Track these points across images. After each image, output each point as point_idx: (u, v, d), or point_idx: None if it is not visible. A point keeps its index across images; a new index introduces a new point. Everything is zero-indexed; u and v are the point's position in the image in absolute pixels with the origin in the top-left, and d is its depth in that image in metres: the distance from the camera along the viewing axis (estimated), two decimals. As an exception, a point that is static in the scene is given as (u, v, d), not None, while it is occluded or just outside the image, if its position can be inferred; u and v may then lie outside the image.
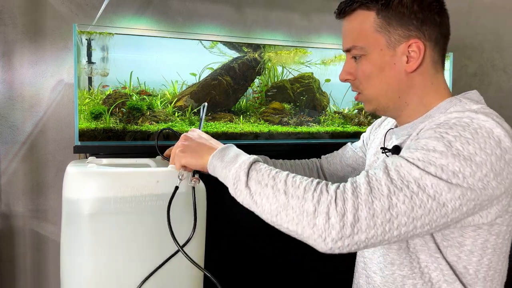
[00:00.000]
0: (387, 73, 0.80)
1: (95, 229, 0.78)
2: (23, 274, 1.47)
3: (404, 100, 0.81)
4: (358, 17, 0.80)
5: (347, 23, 0.82)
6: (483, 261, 0.74)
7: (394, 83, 0.80)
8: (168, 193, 0.82)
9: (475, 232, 0.73)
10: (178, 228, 0.84)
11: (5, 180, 1.44)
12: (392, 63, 0.79)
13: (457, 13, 2.02)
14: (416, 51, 0.78)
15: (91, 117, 1.27)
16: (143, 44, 1.38)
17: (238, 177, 0.70)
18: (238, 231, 1.36)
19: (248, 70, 1.48)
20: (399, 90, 0.81)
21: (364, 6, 0.79)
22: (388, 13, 0.77)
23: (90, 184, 0.79)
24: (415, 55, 0.78)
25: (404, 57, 0.78)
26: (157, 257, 0.82)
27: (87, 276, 0.80)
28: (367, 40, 0.79)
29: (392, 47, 0.78)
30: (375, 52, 0.79)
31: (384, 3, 0.77)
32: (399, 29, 0.77)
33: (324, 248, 0.63)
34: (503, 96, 2.13)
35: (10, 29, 1.41)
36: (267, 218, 0.67)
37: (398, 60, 0.79)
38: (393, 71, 0.79)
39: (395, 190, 0.63)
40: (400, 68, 0.79)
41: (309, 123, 1.53)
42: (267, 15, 1.70)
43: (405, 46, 0.78)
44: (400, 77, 0.80)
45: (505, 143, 0.67)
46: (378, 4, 0.77)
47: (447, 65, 1.74)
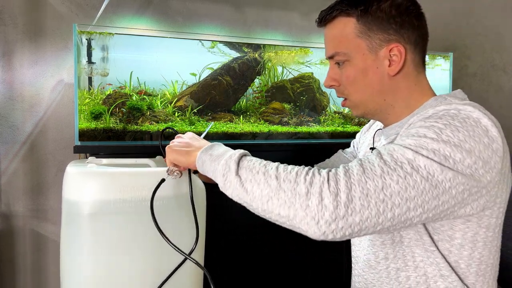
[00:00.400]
0: (371, 77, 0.81)
1: (95, 229, 0.78)
2: (23, 274, 1.47)
3: (389, 102, 0.83)
4: (339, 24, 0.82)
5: (329, 31, 0.84)
6: (474, 255, 0.75)
7: (378, 87, 0.82)
8: (168, 193, 0.82)
9: (464, 225, 0.73)
10: (179, 229, 0.84)
11: (5, 180, 1.44)
12: (375, 67, 0.81)
13: (458, 13, 2.02)
14: (397, 55, 0.79)
15: (91, 117, 1.27)
16: (143, 44, 1.38)
17: (228, 168, 0.69)
18: (236, 229, 1.36)
19: (248, 70, 1.48)
20: (384, 93, 0.82)
21: (344, 13, 0.81)
22: (368, 19, 0.79)
23: (90, 184, 0.79)
24: (397, 59, 0.80)
25: (386, 61, 0.80)
26: (157, 257, 0.82)
27: (87, 276, 0.79)
28: (349, 45, 0.81)
29: (374, 51, 0.80)
30: (358, 57, 0.81)
31: (363, 9, 0.79)
32: (379, 34, 0.79)
33: (317, 233, 0.61)
34: (503, 96, 2.13)
35: (10, 29, 1.41)
36: (258, 206, 0.66)
37: (380, 64, 0.80)
38: (377, 75, 0.81)
39: (389, 171, 0.63)
40: (383, 72, 0.80)
41: (309, 123, 1.53)
42: (267, 15, 1.70)
43: (386, 50, 0.80)
44: (384, 80, 0.81)
45: (492, 132, 0.68)
46: (357, 10, 0.79)
47: (447, 65, 1.74)
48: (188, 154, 0.80)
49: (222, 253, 1.33)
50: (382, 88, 0.82)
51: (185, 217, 0.85)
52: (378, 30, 0.79)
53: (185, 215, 0.85)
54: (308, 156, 1.22)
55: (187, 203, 0.85)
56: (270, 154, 1.40)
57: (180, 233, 0.84)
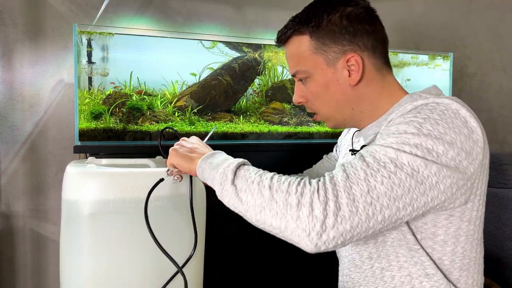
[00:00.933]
0: (334, 90, 0.82)
1: (94, 229, 0.78)
2: (23, 274, 1.47)
3: (358, 110, 0.84)
4: (294, 43, 0.83)
5: (287, 50, 0.86)
6: (457, 249, 0.75)
7: (342, 98, 0.82)
8: (168, 193, 0.82)
9: (447, 221, 0.73)
10: (179, 230, 0.84)
11: (5, 180, 1.44)
12: (335, 80, 0.81)
13: (457, 13, 2.02)
14: (355, 64, 0.80)
15: (91, 117, 1.27)
16: (143, 44, 1.38)
17: (225, 176, 0.70)
18: (236, 234, 1.36)
19: (248, 70, 1.48)
20: (349, 102, 0.83)
21: (297, 32, 0.82)
22: (320, 34, 0.80)
23: (89, 184, 0.79)
24: (355, 68, 0.80)
25: (346, 72, 0.80)
26: (157, 257, 0.82)
27: (86, 276, 0.80)
28: (307, 63, 0.82)
29: (332, 64, 0.81)
30: (317, 72, 0.82)
31: (314, 25, 0.80)
32: (334, 47, 0.80)
33: (309, 246, 0.61)
34: (503, 96, 2.13)
35: (11, 29, 1.41)
36: (252, 216, 0.66)
37: (340, 76, 0.81)
38: (339, 87, 0.82)
39: (372, 172, 0.63)
40: (345, 83, 0.81)
41: (309, 123, 1.53)
42: (267, 15, 1.70)
43: (343, 61, 0.80)
44: (347, 91, 0.82)
45: (471, 123, 0.68)
46: (309, 27, 0.80)
47: (446, 65, 1.74)
48: (191, 160, 0.80)
49: (221, 258, 1.33)
50: (347, 98, 0.82)
51: (184, 217, 0.85)
52: (332, 43, 0.80)
53: (185, 215, 0.85)
54: (308, 156, 1.22)
55: (186, 203, 0.85)
56: (270, 154, 1.40)
57: (179, 233, 0.84)
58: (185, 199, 0.85)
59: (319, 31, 0.80)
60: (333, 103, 0.83)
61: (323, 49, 0.80)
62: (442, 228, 0.73)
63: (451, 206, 0.69)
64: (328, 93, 0.83)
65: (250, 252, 1.38)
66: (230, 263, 1.36)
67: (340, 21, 0.79)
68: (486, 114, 2.11)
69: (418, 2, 1.91)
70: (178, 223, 0.84)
